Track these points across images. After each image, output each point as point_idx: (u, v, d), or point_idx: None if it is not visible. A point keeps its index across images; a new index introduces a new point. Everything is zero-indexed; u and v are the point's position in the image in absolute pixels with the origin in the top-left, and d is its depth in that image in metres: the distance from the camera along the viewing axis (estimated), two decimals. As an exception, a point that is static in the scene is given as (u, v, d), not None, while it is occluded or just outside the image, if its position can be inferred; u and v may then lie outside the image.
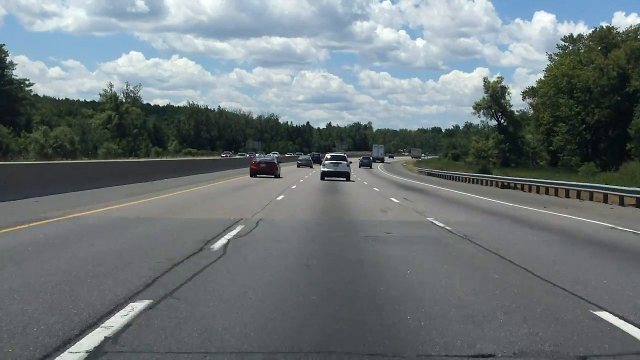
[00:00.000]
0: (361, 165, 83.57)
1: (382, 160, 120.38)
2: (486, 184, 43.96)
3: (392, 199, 24.03)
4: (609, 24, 71.04)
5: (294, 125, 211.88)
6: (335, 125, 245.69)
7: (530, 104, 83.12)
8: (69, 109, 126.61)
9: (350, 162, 42.95)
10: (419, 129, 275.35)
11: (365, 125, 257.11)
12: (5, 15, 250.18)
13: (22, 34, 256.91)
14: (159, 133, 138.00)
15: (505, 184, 40.43)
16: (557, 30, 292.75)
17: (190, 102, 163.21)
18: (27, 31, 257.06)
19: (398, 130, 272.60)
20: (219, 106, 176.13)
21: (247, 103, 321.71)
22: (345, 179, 38.25)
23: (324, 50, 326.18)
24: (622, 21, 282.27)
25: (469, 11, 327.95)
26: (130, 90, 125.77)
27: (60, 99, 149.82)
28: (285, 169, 50.50)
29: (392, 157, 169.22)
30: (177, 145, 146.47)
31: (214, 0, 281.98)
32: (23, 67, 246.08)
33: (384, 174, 63.85)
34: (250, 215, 14.44)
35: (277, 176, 40.52)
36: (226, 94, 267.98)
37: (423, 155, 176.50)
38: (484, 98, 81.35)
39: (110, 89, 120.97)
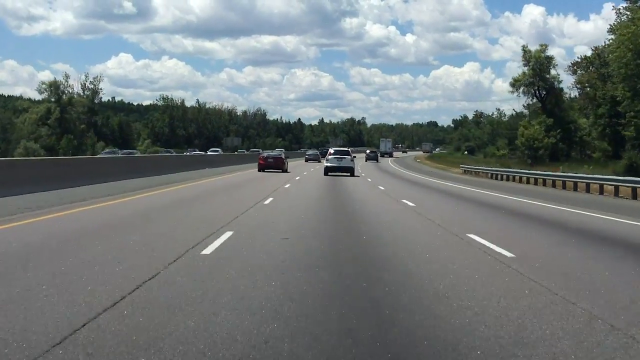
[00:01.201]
0: (367, 159, 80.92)
1: (390, 155, 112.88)
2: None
3: None
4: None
5: (284, 121, 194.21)
6: (328, 121, 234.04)
7: (579, 80, 64.22)
8: (15, 104, 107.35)
9: (355, 156, 41.86)
10: (414, 123, 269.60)
11: (359, 120, 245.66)
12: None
13: (10, 38, 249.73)
14: (124, 131, 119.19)
15: None
16: (547, 22, 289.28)
17: (164, 95, 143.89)
18: (15, 35, 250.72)
19: (394, 125, 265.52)
20: (197, 100, 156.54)
21: (238, 103, 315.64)
22: (349, 174, 37.19)
23: (313, 48, 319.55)
24: (612, 13, 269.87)
25: (458, 5, 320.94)
26: (90, 82, 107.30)
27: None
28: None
29: (406, 151, 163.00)
30: (149, 144, 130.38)
31: (202, 0, 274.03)
32: (12, 71, 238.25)
33: (427, 181, 38.70)
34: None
35: (285, 171, 40.83)
36: (217, 94, 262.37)
37: (438, 149, 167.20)
38: (524, 72, 62.49)
39: (67, 81, 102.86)
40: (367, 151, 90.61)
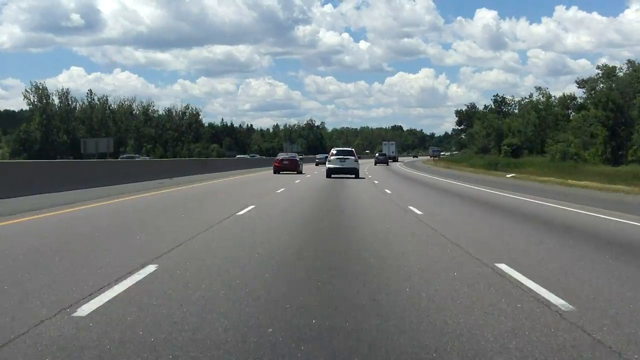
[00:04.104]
0: (377, 162, 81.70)
1: (395, 160, 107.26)
2: None
3: None
4: None
5: (225, 123, 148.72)
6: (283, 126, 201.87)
7: None
8: None
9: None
10: (378, 127, 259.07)
11: (318, 125, 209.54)
12: None
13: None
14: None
15: None
16: (500, 27, 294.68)
17: (37, 84, 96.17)
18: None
19: (358, 129, 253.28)
20: (90, 91, 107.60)
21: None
22: (354, 176, 37.04)
23: (267, 57, 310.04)
24: (564, 15, 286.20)
25: (410, 11, 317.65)
26: None
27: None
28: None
29: (416, 156, 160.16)
30: (6, 153, 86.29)
31: (152, 10, 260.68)
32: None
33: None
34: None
35: (300, 172, 44.37)
36: (172, 106, 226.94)
37: (445, 153, 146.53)
38: None
39: None
40: (377, 154, 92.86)
